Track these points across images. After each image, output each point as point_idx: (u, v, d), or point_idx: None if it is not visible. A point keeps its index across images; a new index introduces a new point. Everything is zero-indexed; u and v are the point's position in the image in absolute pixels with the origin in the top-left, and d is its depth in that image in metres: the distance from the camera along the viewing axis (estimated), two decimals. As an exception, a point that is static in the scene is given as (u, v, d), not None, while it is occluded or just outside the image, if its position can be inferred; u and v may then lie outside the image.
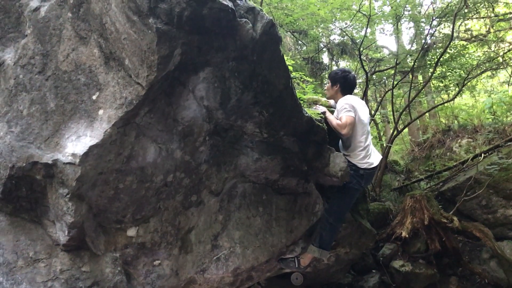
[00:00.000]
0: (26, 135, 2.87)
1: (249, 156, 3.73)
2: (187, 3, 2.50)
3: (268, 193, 4.01)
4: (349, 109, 4.03)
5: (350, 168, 4.09)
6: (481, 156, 7.65)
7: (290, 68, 3.71)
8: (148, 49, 2.59)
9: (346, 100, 4.14)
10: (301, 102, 3.81)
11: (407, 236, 6.24)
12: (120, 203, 3.10)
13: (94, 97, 2.83)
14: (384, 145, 8.88)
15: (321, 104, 4.51)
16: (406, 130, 11.19)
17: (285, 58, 3.44)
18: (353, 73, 4.51)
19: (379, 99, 11.67)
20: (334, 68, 10.51)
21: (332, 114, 4.28)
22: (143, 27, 2.56)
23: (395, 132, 8.43)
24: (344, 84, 4.36)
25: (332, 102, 4.60)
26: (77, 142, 2.77)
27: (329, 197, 4.43)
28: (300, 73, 5.23)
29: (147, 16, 2.53)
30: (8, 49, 3.11)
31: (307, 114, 3.68)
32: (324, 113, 4.18)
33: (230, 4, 2.68)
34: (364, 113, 4.25)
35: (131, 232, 3.23)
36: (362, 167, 4.15)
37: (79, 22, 2.91)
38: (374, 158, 4.27)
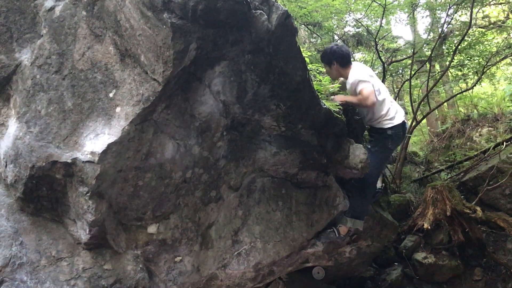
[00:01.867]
0: (45, 135, 2.88)
1: (267, 150, 3.70)
2: (201, -4, 2.47)
3: (287, 187, 3.97)
4: (364, 80, 4.08)
5: (376, 132, 4.27)
6: (503, 144, 7.50)
7: (307, 59, 3.66)
8: (164, 45, 2.57)
9: (356, 73, 4.20)
10: (319, 94, 3.76)
11: (429, 227, 6.14)
12: (140, 200, 3.10)
13: (111, 95, 2.83)
14: (403, 136, 8.75)
15: (334, 92, 4.43)
16: (424, 120, 11.03)
17: (301, 49, 3.39)
18: (337, 43, 4.54)
19: (396, 90, 11.53)
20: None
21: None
22: (158, 22, 2.54)
23: (413, 123, 8.31)
24: (339, 58, 4.35)
25: (341, 79, 4.60)
26: (96, 140, 2.77)
27: (349, 190, 4.38)
28: (316, 64, 5.16)
29: (162, 11, 2.51)
30: (25, 50, 3.12)
31: (325, 106, 3.63)
32: (342, 101, 4.13)
33: (244, -4, 2.64)
34: (376, 79, 4.36)
35: (152, 229, 3.22)
36: (387, 127, 4.23)
37: (93, 20, 2.90)
38: (398, 116, 4.33)
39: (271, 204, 3.85)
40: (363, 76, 4.15)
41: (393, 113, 4.29)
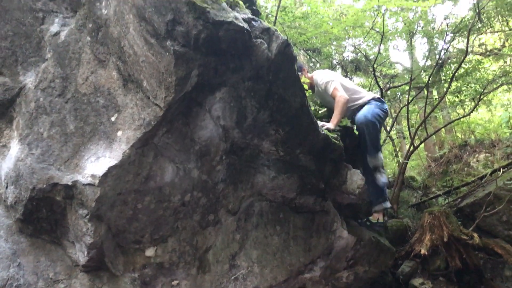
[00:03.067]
0: (46, 157, 2.92)
1: (265, 175, 3.73)
2: (203, 26, 2.54)
3: (285, 211, 3.99)
4: (330, 80, 4.87)
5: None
6: (500, 171, 7.53)
7: (305, 86, 3.73)
8: (166, 71, 2.63)
9: (322, 76, 5.01)
10: (317, 120, 3.82)
11: (426, 253, 6.12)
12: (139, 223, 3.12)
13: (113, 119, 2.88)
14: (401, 161, 8.79)
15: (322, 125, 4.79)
16: (422, 145, 11.09)
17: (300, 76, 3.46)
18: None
19: (394, 115, 11.62)
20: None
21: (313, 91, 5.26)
22: (161, 49, 2.61)
23: (411, 148, 8.35)
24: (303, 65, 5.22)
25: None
26: (96, 163, 2.80)
27: (347, 215, 4.41)
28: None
29: (165, 39, 2.58)
30: (29, 73, 3.19)
31: (323, 132, 3.68)
32: (335, 125, 4.50)
33: (246, 26, 2.71)
34: (337, 75, 5.21)
35: (150, 252, 3.23)
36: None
37: (98, 45, 2.97)
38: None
39: (269, 229, 3.87)
40: (329, 77, 4.94)
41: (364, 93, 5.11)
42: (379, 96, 5.13)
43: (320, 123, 4.32)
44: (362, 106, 5.01)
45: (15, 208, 3.00)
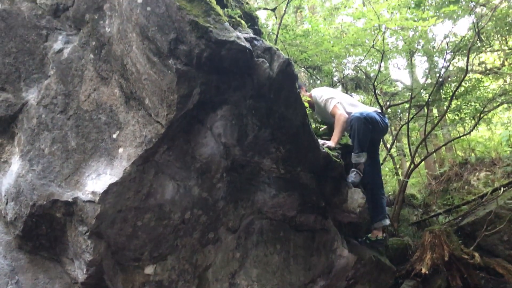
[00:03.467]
0: (47, 173, 2.92)
1: (266, 192, 3.73)
2: (206, 45, 2.56)
3: (285, 230, 3.98)
4: (330, 97, 4.85)
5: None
6: (500, 189, 7.52)
7: (306, 104, 3.75)
8: (168, 89, 2.65)
9: (321, 93, 5.00)
10: (318, 138, 3.83)
11: (427, 272, 6.07)
12: (138, 241, 3.10)
13: (114, 136, 2.89)
14: (401, 179, 8.78)
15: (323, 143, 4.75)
16: (422, 163, 11.09)
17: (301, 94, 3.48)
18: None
19: (394, 132, 11.64)
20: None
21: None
22: (163, 67, 2.63)
23: (411, 166, 8.35)
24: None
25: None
26: (97, 180, 2.80)
27: (347, 234, 4.39)
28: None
29: (167, 57, 2.60)
30: (32, 90, 3.21)
31: (323, 150, 3.69)
32: (336, 143, 4.48)
33: (247, 45, 2.74)
34: (337, 92, 5.23)
35: (149, 270, 3.21)
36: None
37: (100, 63, 3.00)
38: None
39: (269, 247, 3.85)
40: (329, 94, 4.92)
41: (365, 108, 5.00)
42: (381, 111, 5.09)
43: (320, 141, 4.33)
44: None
45: (14, 224, 2.99)
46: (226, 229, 3.62)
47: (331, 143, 4.34)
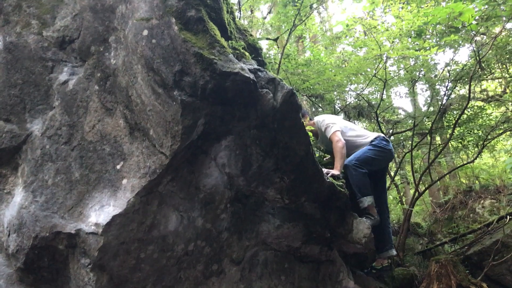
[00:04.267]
0: (50, 205, 2.90)
1: (270, 223, 3.69)
2: (210, 76, 2.58)
3: (290, 261, 3.91)
4: (331, 123, 4.89)
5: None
6: (506, 218, 7.43)
7: (310, 134, 3.74)
8: (173, 120, 2.65)
9: (323, 118, 5.05)
10: (322, 167, 3.81)
11: (434, 303, 5.96)
12: (141, 273, 3.05)
13: (118, 167, 2.88)
14: (405, 207, 8.72)
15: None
16: (426, 191, 11.03)
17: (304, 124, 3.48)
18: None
19: (398, 160, 11.62)
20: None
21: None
22: (168, 99, 2.64)
23: (416, 195, 8.30)
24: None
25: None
26: (101, 212, 2.78)
27: (353, 265, 4.32)
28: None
29: (172, 89, 2.61)
30: (36, 121, 3.22)
31: (328, 180, 3.67)
32: (339, 170, 4.45)
33: (252, 76, 2.76)
34: (339, 119, 5.25)
35: (152, 303, 3.15)
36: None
37: (105, 94, 3.02)
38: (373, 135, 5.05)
39: (274, 279, 3.78)
40: (330, 120, 4.97)
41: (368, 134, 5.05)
42: (383, 135, 5.07)
43: (325, 170, 4.31)
44: (363, 145, 4.97)
45: (16, 256, 2.95)
46: (230, 261, 3.56)
47: (336, 171, 4.31)
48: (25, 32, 3.31)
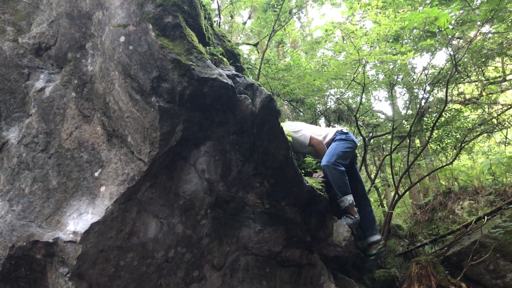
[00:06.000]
0: (27, 214, 2.86)
1: (251, 228, 3.69)
2: (188, 82, 2.58)
3: (271, 265, 3.92)
4: (301, 130, 5.09)
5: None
6: (484, 218, 7.56)
7: (289, 138, 3.76)
8: (151, 126, 2.65)
9: (291, 128, 5.06)
10: (302, 171, 3.83)
11: (415, 304, 6.02)
12: (121, 281, 3.02)
13: (96, 174, 2.86)
14: (386, 210, 8.81)
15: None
16: (407, 193, 11.16)
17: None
18: None
19: (378, 163, 11.74)
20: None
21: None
22: (146, 105, 2.63)
23: (396, 197, 8.39)
24: None
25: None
26: (79, 220, 2.75)
27: (334, 268, 4.35)
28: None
29: (150, 95, 2.61)
30: (12, 128, 3.17)
31: (308, 184, 3.69)
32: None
33: (230, 82, 2.77)
34: (303, 124, 5.44)
35: (132, 311, 3.12)
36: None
37: (82, 101, 2.99)
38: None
39: (255, 284, 3.78)
40: (300, 127, 5.14)
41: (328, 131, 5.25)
42: (341, 129, 5.21)
43: (315, 174, 4.38)
44: (329, 143, 5.10)
45: (-8, 267, 2.90)
46: (211, 267, 3.56)
47: (320, 174, 4.46)
48: (0, 39, 3.26)
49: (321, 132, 5.27)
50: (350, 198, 4.49)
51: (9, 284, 2.92)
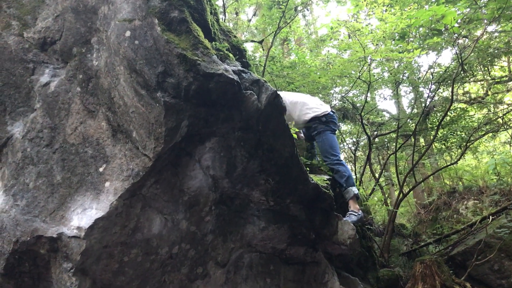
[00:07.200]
0: (32, 208, 2.85)
1: (255, 225, 3.67)
2: (194, 78, 2.56)
3: (275, 263, 3.90)
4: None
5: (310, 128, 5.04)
6: (489, 218, 7.53)
7: (295, 135, 3.74)
8: (156, 122, 2.63)
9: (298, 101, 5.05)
10: (307, 168, 3.81)
11: (419, 304, 6.00)
12: (125, 277, 3.01)
13: (101, 169, 2.84)
14: (390, 209, 8.78)
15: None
16: (411, 192, 11.12)
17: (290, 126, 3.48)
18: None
19: (382, 161, 11.71)
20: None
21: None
22: (151, 100, 2.61)
23: (400, 196, 8.36)
24: None
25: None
26: (83, 215, 2.74)
27: (338, 266, 4.33)
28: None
29: (155, 90, 2.59)
30: (17, 123, 3.16)
31: (313, 181, 3.67)
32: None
33: (236, 78, 2.75)
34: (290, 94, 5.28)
35: (136, 307, 3.11)
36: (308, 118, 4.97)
37: (87, 96, 2.98)
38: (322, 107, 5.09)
39: (259, 281, 3.76)
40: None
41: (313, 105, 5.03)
42: (323, 112, 5.01)
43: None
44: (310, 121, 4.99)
45: (-4, 262, 2.89)
46: (215, 264, 3.54)
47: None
48: (5, 33, 3.25)
49: (305, 103, 5.09)
50: (354, 189, 4.49)
51: (13, 279, 2.91)
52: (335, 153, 4.81)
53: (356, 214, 4.37)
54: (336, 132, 5.15)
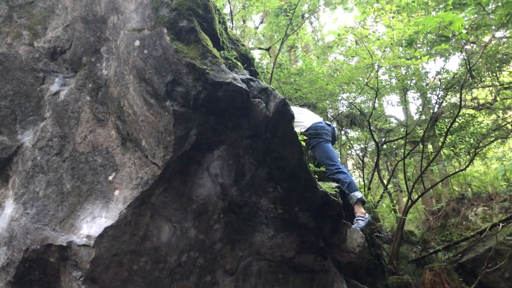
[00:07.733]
0: (42, 217, 2.87)
1: (264, 233, 3.67)
2: (203, 87, 2.57)
3: (284, 271, 3.89)
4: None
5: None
6: (499, 225, 7.46)
7: (303, 143, 3.74)
8: (165, 130, 2.64)
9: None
10: (315, 176, 3.80)
11: (429, 312, 5.95)
12: (134, 285, 3.02)
13: (110, 178, 2.86)
14: (399, 215, 8.73)
15: None
16: (419, 199, 11.06)
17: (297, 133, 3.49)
18: None
19: (390, 168, 11.66)
20: (343, 138, 10.73)
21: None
22: (160, 109, 2.63)
23: (409, 203, 8.32)
24: None
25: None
26: (92, 224, 2.75)
27: (347, 274, 4.30)
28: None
29: (164, 99, 2.60)
30: (27, 132, 3.19)
31: (321, 189, 3.66)
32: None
33: (244, 86, 2.75)
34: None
35: (144, 316, 3.11)
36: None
37: (97, 105, 3.00)
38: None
39: (268, 289, 3.76)
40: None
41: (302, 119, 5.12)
42: (306, 128, 5.10)
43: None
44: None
45: (6, 270, 2.91)
46: (223, 272, 3.54)
47: None
48: (16, 43, 3.29)
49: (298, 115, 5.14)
50: (358, 194, 4.48)
51: (23, 287, 2.93)
52: (333, 163, 4.86)
53: (363, 218, 4.36)
54: (336, 140, 5.20)
